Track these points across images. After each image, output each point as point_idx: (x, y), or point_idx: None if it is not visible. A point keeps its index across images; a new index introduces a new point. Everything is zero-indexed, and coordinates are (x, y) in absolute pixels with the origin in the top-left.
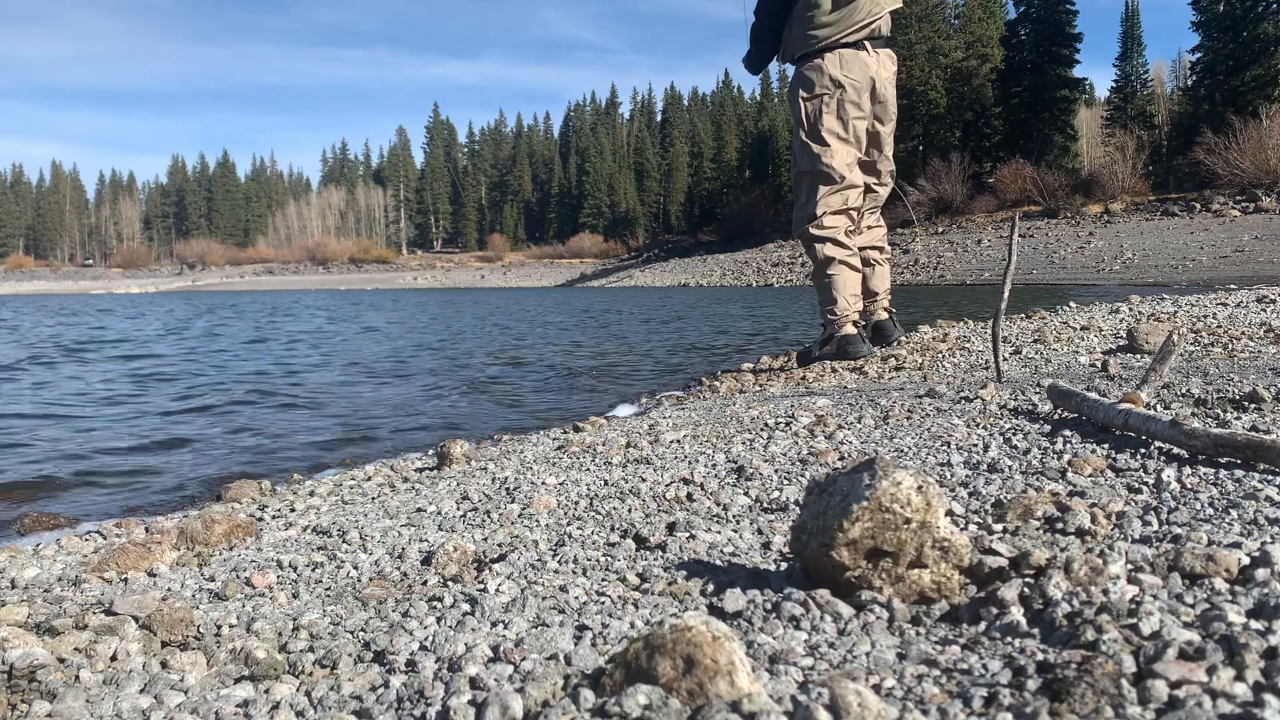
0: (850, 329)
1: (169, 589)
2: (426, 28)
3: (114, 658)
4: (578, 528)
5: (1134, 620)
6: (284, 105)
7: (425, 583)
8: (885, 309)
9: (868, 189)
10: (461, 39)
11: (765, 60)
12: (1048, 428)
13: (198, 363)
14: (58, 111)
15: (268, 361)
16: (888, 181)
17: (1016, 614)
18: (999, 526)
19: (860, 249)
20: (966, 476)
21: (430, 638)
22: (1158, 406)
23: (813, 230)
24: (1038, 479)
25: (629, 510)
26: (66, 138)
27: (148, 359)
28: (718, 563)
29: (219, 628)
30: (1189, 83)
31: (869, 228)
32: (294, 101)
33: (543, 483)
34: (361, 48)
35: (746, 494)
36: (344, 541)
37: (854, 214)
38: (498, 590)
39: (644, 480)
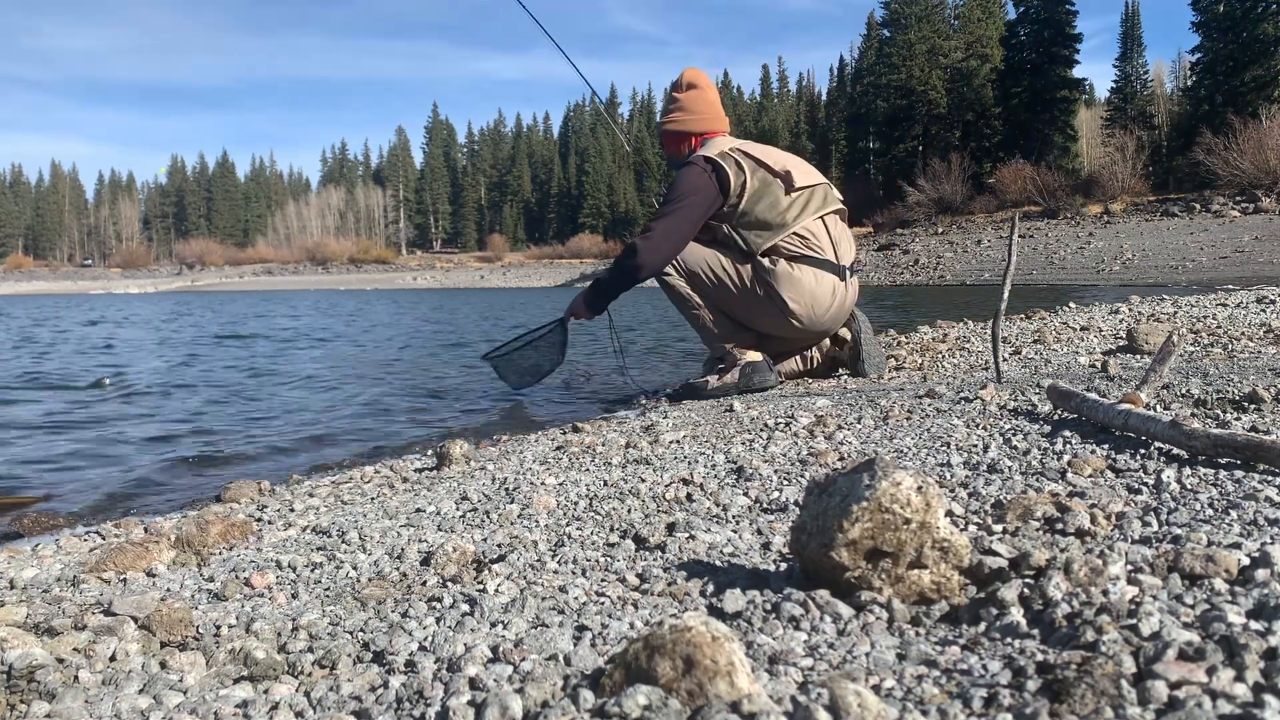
0: (754, 355)
1: (168, 589)
2: (428, 27)
3: (113, 658)
4: (577, 528)
5: (1134, 621)
6: (284, 105)
7: (424, 583)
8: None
9: None
10: (463, 39)
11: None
12: (1047, 428)
13: (191, 364)
14: (58, 111)
15: (269, 361)
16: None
17: (1016, 615)
18: (999, 527)
19: None
20: (966, 477)
21: (429, 638)
22: (1157, 407)
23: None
24: (1037, 480)
25: (628, 511)
26: (66, 137)
27: (141, 356)
28: (717, 563)
29: (218, 628)
30: (1189, 83)
31: None
32: (294, 101)
33: (542, 483)
34: (361, 46)
35: (746, 494)
36: (343, 542)
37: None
38: (497, 591)
39: (643, 481)
